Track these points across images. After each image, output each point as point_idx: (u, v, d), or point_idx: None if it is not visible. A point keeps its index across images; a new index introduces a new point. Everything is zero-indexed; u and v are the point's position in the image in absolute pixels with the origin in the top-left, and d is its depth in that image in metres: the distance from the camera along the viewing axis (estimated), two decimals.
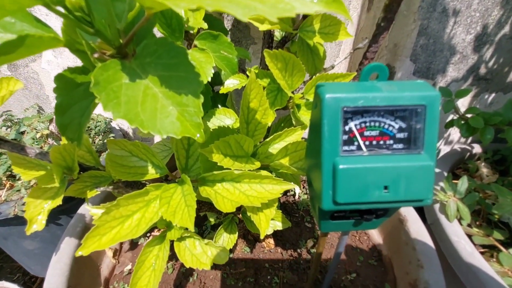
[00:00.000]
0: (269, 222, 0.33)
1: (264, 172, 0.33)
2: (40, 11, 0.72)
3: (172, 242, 0.37)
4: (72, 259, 0.43)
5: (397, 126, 0.26)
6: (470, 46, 0.67)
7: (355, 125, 0.25)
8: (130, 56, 0.26)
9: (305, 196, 0.71)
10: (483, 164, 0.73)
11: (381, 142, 0.26)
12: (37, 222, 0.31)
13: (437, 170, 0.70)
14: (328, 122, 0.24)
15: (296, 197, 0.71)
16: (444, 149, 0.87)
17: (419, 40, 0.66)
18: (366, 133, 0.26)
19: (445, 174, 0.67)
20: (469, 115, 0.62)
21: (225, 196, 0.32)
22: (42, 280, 0.92)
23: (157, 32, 0.39)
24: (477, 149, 0.80)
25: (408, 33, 0.66)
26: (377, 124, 0.26)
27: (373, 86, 0.25)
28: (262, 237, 0.32)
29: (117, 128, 0.94)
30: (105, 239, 0.28)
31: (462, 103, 0.79)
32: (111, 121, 0.91)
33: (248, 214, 0.33)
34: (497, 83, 0.75)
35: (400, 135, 0.26)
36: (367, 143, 0.26)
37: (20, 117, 0.83)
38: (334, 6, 0.20)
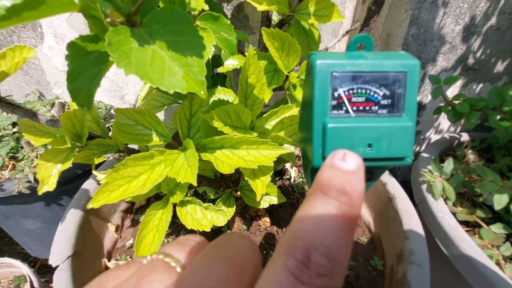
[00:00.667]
0: (264, 187, 0.35)
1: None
2: None
3: (174, 207, 0.39)
4: (77, 228, 0.46)
5: (381, 93, 0.29)
6: (459, 37, 0.70)
7: (344, 92, 0.28)
8: (138, 24, 0.28)
9: (300, 180, 0.74)
10: (470, 151, 0.76)
11: (367, 108, 0.29)
12: (48, 183, 0.33)
13: (426, 155, 0.73)
14: (319, 86, 0.27)
15: (292, 180, 0.74)
16: (434, 138, 0.90)
17: (411, 30, 0.69)
18: (354, 99, 0.28)
19: None
20: (456, 102, 0.65)
21: (224, 161, 0.34)
22: (42, 264, 0.94)
23: None
24: (465, 137, 0.83)
25: (400, 23, 0.69)
26: (363, 91, 0.28)
27: (360, 55, 0.28)
28: (258, 199, 0.34)
29: None
30: (114, 195, 0.30)
31: (452, 93, 0.82)
32: (112, 108, 0.92)
33: (246, 178, 0.36)
34: (485, 73, 0.78)
35: (384, 102, 0.29)
36: (354, 108, 0.28)
37: (21, 103, 0.85)
38: None
